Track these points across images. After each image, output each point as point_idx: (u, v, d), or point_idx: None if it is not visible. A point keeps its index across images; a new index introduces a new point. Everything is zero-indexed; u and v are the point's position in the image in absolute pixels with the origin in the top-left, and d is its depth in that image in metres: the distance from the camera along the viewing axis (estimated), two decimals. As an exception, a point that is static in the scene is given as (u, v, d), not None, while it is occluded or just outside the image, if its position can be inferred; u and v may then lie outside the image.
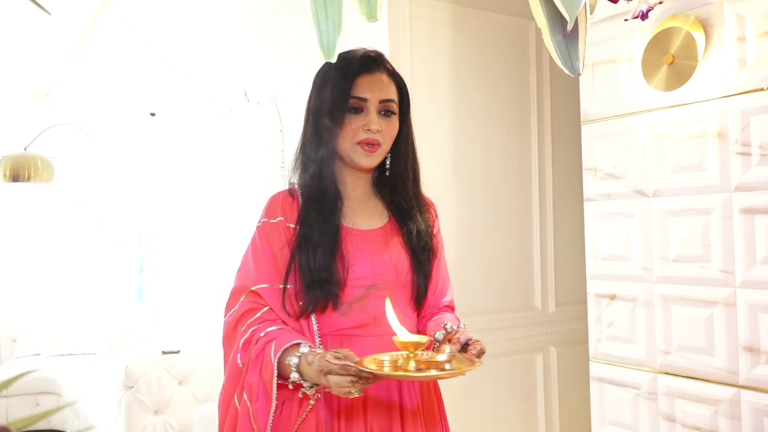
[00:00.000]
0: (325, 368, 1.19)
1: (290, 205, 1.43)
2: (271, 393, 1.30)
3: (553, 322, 2.95)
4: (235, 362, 1.37)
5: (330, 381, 1.19)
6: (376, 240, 1.42)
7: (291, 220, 1.41)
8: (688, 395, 1.82)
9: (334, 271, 1.35)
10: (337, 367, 1.17)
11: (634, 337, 1.97)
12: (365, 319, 1.38)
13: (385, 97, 1.41)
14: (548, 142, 2.95)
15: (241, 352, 1.36)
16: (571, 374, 2.97)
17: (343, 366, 1.17)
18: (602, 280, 2.06)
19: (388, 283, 1.40)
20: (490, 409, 2.75)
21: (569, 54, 0.84)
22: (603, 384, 2.06)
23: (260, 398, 1.31)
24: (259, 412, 1.31)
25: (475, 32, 2.74)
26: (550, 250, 2.94)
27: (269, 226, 1.42)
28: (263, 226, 1.43)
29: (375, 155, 1.41)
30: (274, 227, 1.41)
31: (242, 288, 1.41)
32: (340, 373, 1.18)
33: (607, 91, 2.04)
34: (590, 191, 2.10)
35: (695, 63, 1.78)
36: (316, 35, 0.59)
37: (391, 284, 1.40)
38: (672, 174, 1.86)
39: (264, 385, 1.31)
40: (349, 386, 1.18)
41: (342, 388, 1.19)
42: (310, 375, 1.25)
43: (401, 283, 1.41)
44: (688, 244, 1.82)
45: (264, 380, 1.31)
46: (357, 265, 1.38)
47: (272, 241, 1.41)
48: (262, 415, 1.31)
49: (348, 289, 1.37)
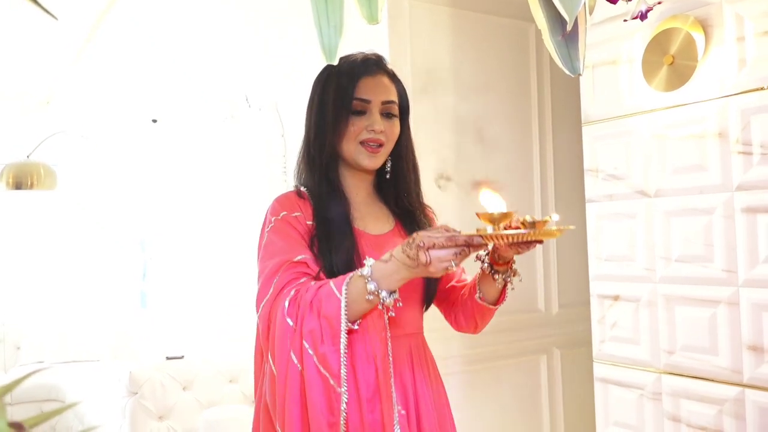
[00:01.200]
0: (428, 243, 1.15)
1: (303, 203, 1.42)
2: (339, 327, 1.20)
3: (556, 323, 2.95)
4: (284, 323, 1.24)
5: (432, 256, 1.15)
6: (387, 244, 1.42)
7: (308, 218, 1.39)
8: (692, 395, 1.82)
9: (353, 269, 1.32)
10: (442, 239, 1.15)
11: (638, 337, 1.97)
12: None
13: (387, 99, 1.43)
14: (549, 143, 2.95)
15: (288, 312, 1.24)
16: (575, 376, 2.97)
17: (449, 237, 1.15)
18: (605, 281, 2.06)
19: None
20: (494, 412, 2.74)
21: (569, 54, 0.84)
22: (607, 385, 2.06)
23: (326, 338, 1.21)
24: (328, 354, 1.20)
25: (475, 35, 2.75)
26: (552, 251, 2.94)
27: (291, 218, 1.38)
28: (284, 219, 1.38)
29: (378, 156, 1.42)
30: (296, 220, 1.38)
31: (277, 267, 1.32)
32: (445, 245, 1.15)
33: (607, 92, 2.05)
34: (592, 192, 2.10)
35: (695, 63, 1.78)
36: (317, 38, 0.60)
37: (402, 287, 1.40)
38: (673, 174, 1.87)
39: (329, 323, 1.21)
40: (452, 258, 1.16)
41: (443, 262, 1.16)
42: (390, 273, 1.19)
43: (412, 285, 1.41)
44: (691, 244, 1.82)
45: (328, 318, 1.21)
46: None
47: (298, 228, 1.37)
48: (332, 356, 1.20)
49: None
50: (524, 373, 2.85)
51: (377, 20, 0.65)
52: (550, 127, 2.96)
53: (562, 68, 0.84)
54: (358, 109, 1.41)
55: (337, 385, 1.20)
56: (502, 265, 1.37)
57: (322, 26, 0.59)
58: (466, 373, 2.65)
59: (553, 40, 0.83)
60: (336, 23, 0.58)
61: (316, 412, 1.20)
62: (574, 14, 0.70)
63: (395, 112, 1.45)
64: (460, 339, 2.61)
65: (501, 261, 1.36)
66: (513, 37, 2.86)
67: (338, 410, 1.20)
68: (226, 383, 3.57)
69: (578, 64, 0.84)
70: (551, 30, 0.82)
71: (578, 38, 0.84)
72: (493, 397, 2.75)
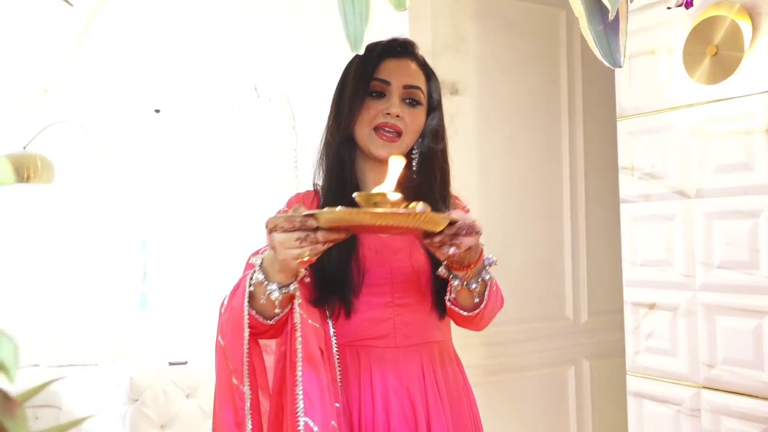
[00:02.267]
0: (269, 224, 1.08)
1: (310, 201, 1.43)
2: (242, 317, 1.19)
3: (586, 332, 2.93)
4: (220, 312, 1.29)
5: (276, 240, 1.07)
6: (397, 244, 1.40)
7: None
8: (733, 412, 1.80)
9: (349, 273, 1.33)
10: (281, 219, 1.06)
11: (675, 349, 1.95)
12: (385, 329, 1.37)
13: (411, 83, 1.39)
14: (580, 139, 2.93)
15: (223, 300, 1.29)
16: (605, 389, 2.95)
17: (288, 218, 1.05)
18: (640, 287, 2.05)
19: (408, 290, 1.38)
20: (518, 426, 2.74)
21: (609, 45, 0.84)
22: (641, 400, 2.05)
23: (229, 330, 1.22)
24: (230, 347, 1.21)
25: (501, 21, 2.74)
26: (582, 255, 2.92)
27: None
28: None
29: (393, 146, 1.36)
30: None
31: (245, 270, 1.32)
32: (285, 227, 1.05)
33: (645, 84, 2.03)
34: (627, 192, 2.09)
35: (741, 54, 1.77)
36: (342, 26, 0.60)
37: (411, 292, 1.39)
38: (716, 173, 1.85)
39: (234, 313, 1.21)
40: (296, 245, 1.05)
41: (288, 249, 1.06)
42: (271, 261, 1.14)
43: (422, 291, 1.39)
44: (734, 249, 1.80)
45: (235, 308, 1.21)
46: (374, 269, 1.36)
47: None
48: (235, 351, 1.21)
49: (364, 297, 1.35)
50: (550, 386, 2.84)
51: (405, 6, 0.65)
52: (581, 122, 2.94)
53: (602, 60, 0.84)
54: (377, 89, 1.37)
55: (239, 382, 1.21)
56: (459, 269, 1.24)
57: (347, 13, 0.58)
58: (487, 385, 2.64)
59: (592, 29, 0.83)
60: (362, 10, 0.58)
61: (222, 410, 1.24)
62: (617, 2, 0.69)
63: (420, 99, 1.40)
64: (481, 348, 2.61)
65: (455, 264, 1.23)
66: (542, 25, 2.85)
67: (242, 410, 1.22)
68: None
69: (619, 56, 0.83)
70: (590, 19, 0.81)
71: (619, 28, 0.84)
72: (517, 411, 2.74)
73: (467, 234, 1.13)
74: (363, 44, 0.63)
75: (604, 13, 0.79)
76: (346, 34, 0.60)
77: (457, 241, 1.12)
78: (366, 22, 0.60)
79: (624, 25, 0.85)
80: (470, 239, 1.14)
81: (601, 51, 0.80)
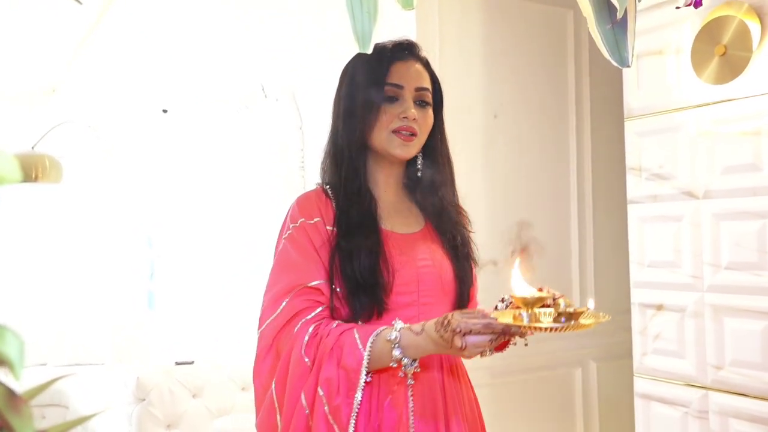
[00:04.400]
0: (464, 329, 1.17)
1: (325, 205, 1.42)
2: (357, 381, 1.25)
3: (593, 334, 2.92)
4: (301, 361, 1.29)
5: (468, 342, 1.18)
6: (417, 244, 1.43)
7: (328, 222, 1.40)
8: (742, 414, 1.79)
9: (380, 275, 1.35)
10: (479, 326, 1.17)
11: (683, 350, 1.94)
12: None
13: (421, 86, 1.43)
14: (588, 139, 2.93)
15: (305, 350, 1.28)
16: (612, 391, 2.94)
17: (486, 324, 1.17)
18: (648, 288, 2.04)
19: (432, 290, 1.41)
20: (524, 428, 2.73)
21: (617, 44, 0.83)
22: (649, 402, 2.04)
23: (341, 391, 1.26)
24: (342, 407, 1.26)
25: (508, 21, 2.73)
26: (589, 256, 2.91)
27: (308, 226, 1.39)
28: (302, 226, 1.39)
29: (411, 145, 1.41)
30: (314, 228, 1.39)
31: (289, 288, 1.34)
32: (482, 332, 1.17)
33: (653, 84, 2.03)
34: (634, 193, 2.08)
35: (749, 54, 1.76)
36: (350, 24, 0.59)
37: (435, 291, 1.41)
38: (724, 174, 1.84)
39: (347, 375, 1.26)
40: (488, 345, 1.19)
41: (479, 348, 1.19)
42: (418, 346, 1.24)
43: (444, 290, 1.42)
44: (742, 250, 1.79)
45: (347, 369, 1.26)
46: (402, 269, 1.38)
47: (314, 240, 1.38)
48: (345, 409, 1.26)
49: (393, 296, 1.37)
50: (557, 387, 2.83)
51: (412, 5, 0.65)
52: (589, 122, 2.93)
53: (610, 59, 0.83)
54: (390, 95, 1.40)
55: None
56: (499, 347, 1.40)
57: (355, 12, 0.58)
58: (494, 386, 2.64)
59: (600, 28, 0.82)
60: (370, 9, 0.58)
61: None
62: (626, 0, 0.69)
63: (429, 100, 1.45)
64: (488, 348, 2.60)
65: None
66: (549, 24, 2.85)
67: None
68: (238, 391, 3.59)
69: (627, 55, 0.83)
70: (598, 18, 0.81)
71: (627, 27, 0.83)
72: (523, 413, 2.73)
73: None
74: (371, 43, 0.63)
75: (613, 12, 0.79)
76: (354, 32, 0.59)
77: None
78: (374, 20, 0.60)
79: (632, 24, 0.84)
80: None
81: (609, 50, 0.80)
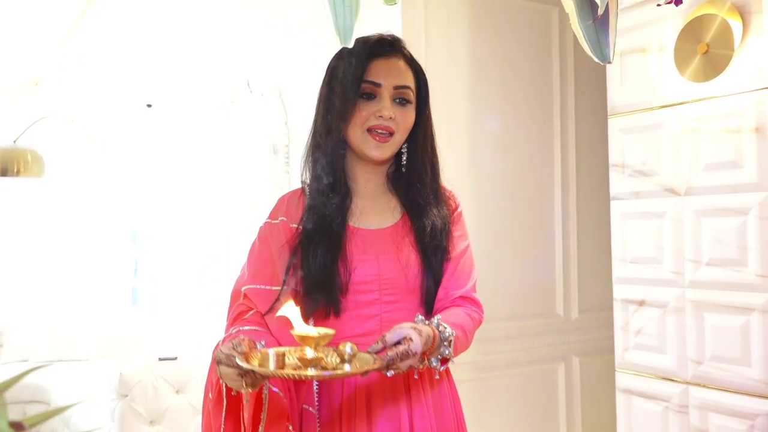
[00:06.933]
0: (216, 357, 1.19)
1: (296, 204, 1.45)
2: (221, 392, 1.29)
3: (576, 329, 2.94)
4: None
5: (221, 372, 1.18)
6: (384, 241, 1.41)
7: (294, 220, 1.42)
8: (722, 409, 1.81)
9: (336, 274, 1.35)
10: (224, 357, 1.15)
11: (664, 346, 1.96)
12: (371, 326, 1.38)
13: (401, 84, 1.40)
14: (572, 136, 2.94)
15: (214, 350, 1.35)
16: (595, 386, 2.96)
17: (228, 356, 1.14)
18: (630, 284, 2.06)
19: (395, 287, 1.39)
20: (506, 424, 2.74)
21: (599, 41, 0.84)
22: (630, 396, 2.06)
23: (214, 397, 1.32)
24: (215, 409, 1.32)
25: (494, 18, 2.74)
26: (573, 252, 2.93)
27: (270, 226, 1.44)
28: (264, 227, 1.46)
29: (386, 146, 1.39)
30: (274, 228, 1.43)
31: (236, 291, 1.43)
32: (228, 364, 1.15)
33: (636, 82, 2.04)
34: (617, 189, 2.09)
35: (731, 52, 1.78)
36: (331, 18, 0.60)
37: (398, 288, 1.40)
38: (705, 171, 1.86)
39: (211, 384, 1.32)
40: (238, 380, 1.16)
41: (232, 381, 1.17)
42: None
43: (410, 287, 1.40)
44: (723, 247, 1.81)
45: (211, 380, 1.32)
46: (361, 268, 1.37)
47: (271, 241, 1.42)
48: (215, 414, 1.31)
49: (351, 295, 1.36)
50: (540, 383, 2.85)
51: (395, 0, 0.65)
52: (573, 119, 2.95)
53: (591, 56, 0.84)
54: (367, 92, 1.39)
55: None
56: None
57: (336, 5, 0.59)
58: (477, 381, 2.65)
59: (582, 24, 0.83)
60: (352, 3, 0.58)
61: None
62: (606, -3, 0.70)
63: (409, 98, 1.42)
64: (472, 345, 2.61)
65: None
66: (534, 21, 2.86)
67: None
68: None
69: (608, 51, 0.83)
70: (580, 14, 0.82)
71: (609, 23, 0.84)
72: (506, 408, 2.75)
73: (402, 360, 1.18)
74: (352, 37, 0.63)
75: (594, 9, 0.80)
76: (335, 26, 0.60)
77: (395, 367, 1.18)
78: (356, 15, 0.60)
79: (614, 21, 0.85)
80: (407, 362, 1.19)
81: (591, 46, 0.81)
